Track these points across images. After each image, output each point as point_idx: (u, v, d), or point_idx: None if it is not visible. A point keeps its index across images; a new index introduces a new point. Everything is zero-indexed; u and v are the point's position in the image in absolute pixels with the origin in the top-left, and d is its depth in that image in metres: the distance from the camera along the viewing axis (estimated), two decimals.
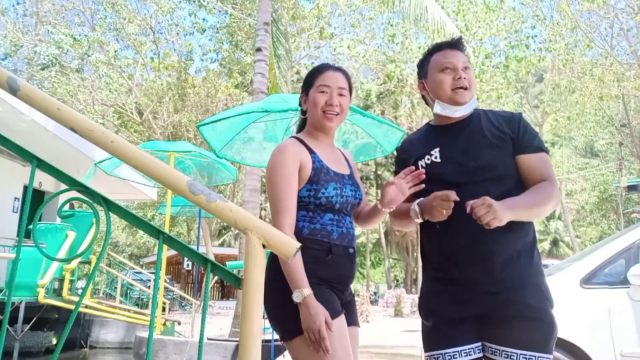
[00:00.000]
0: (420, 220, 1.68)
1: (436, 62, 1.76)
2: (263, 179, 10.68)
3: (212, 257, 2.65)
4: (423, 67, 1.83)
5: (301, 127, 1.89)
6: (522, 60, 14.87)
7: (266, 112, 4.31)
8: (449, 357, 1.62)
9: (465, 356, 1.62)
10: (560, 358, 3.09)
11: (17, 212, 11.05)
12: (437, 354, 1.64)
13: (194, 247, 2.14)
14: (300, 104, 1.86)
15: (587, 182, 28.53)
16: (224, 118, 4.60)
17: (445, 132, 1.77)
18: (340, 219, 1.73)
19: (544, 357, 1.54)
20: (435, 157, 1.73)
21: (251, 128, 4.95)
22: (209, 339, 7.57)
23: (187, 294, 16.81)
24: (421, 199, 1.66)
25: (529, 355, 1.53)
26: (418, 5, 9.36)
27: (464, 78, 1.70)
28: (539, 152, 1.69)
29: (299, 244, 1.22)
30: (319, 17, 17.44)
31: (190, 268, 21.88)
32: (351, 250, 1.74)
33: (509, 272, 1.60)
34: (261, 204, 21.23)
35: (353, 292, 1.82)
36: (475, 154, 1.67)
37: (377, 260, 39.45)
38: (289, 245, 1.20)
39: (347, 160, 1.89)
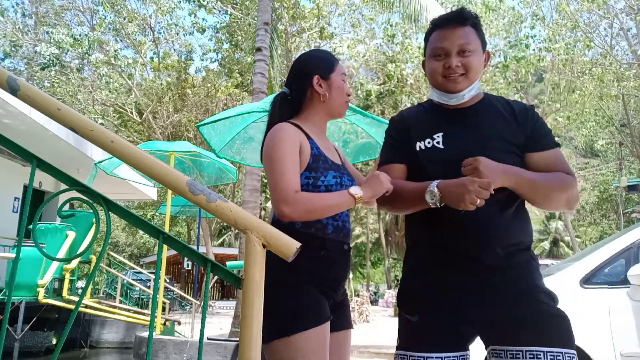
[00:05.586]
0: (435, 206, 1.43)
1: (430, 44, 1.58)
2: (263, 179, 10.68)
3: (212, 257, 2.64)
4: (425, 44, 1.63)
5: (285, 110, 1.69)
6: (522, 60, 14.86)
7: (266, 112, 4.30)
8: None
9: None
10: None
11: (17, 212, 11.06)
12: (418, 356, 1.44)
13: (194, 247, 2.14)
14: (309, 85, 1.67)
15: (587, 182, 28.52)
16: (224, 118, 4.60)
17: (451, 117, 1.57)
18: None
19: (569, 353, 1.35)
20: (438, 142, 1.54)
21: (251, 128, 4.95)
22: (209, 339, 7.56)
23: (187, 294, 16.80)
24: (439, 180, 1.41)
25: (556, 352, 1.34)
26: (418, 4, 9.39)
27: (457, 66, 1.50)
28: (555, 147, 1.55)
29: (299, 244, 1.21)
30: (319, 17, 17.44)
31: (190, 268, 21.87)
32: (346, 247, 1.61)
33: (518, 273, 1.45)
34: (261, 204, 21.22)
35: (347, 291, 1.70)
36: (484, 145, 1.49)
37: (377, 260, 39.44)
38: (288, 245, 1.20)
39: (336, 150, 1.78)
